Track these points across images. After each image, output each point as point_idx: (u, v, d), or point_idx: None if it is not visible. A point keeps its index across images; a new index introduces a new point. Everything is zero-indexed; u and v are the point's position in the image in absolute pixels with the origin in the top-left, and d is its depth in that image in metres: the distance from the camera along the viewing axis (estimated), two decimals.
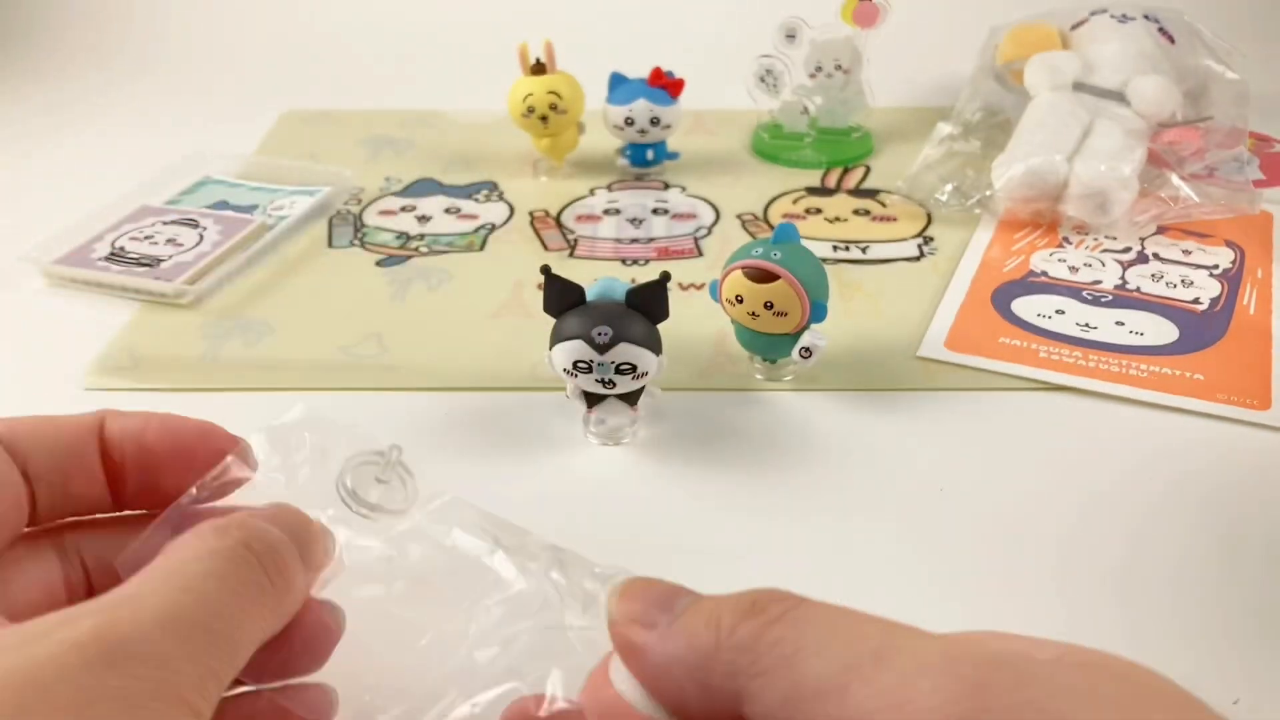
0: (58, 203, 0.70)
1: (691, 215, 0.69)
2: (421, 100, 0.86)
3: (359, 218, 0.69)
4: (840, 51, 0.74)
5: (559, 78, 0.69)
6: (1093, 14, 0.73)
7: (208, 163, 0.74)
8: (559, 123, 0.70)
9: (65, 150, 0.81)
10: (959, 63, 0.78)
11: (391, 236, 0.67)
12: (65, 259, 0.62)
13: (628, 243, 0.66)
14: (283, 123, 0.84)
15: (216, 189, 0.72)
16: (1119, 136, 0.64)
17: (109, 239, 0.64)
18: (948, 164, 0.70)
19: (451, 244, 0.66)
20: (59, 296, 0.61)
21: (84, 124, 0.85)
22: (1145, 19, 0.72)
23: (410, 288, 0.61)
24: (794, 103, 0.76)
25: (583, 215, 0.69)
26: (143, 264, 0.62)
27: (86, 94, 0.90)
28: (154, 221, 0.66)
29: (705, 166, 0.75)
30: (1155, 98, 0.66)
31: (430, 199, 0.72)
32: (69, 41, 0.98)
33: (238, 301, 0.60)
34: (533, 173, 0.75)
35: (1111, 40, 0.70)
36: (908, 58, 0.80)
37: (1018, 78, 0.72)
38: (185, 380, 0.54)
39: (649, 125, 0.70)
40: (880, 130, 0.78)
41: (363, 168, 0.75)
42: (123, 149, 0.80)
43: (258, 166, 0.75)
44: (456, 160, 0.77)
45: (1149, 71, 0.67)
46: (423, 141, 0.80)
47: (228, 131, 0.82)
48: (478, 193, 0.72)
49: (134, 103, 0.89)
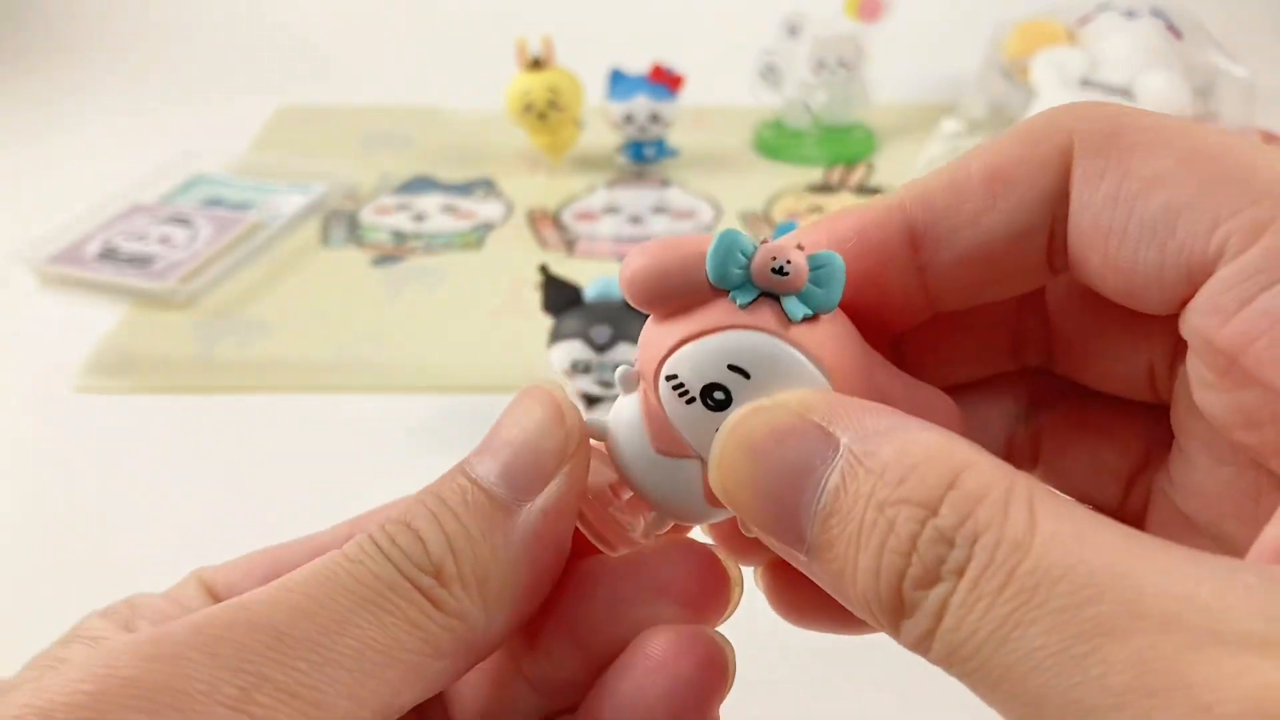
0: (49, 201, 0.70)
1: (692, 213, 0.68)
2: (418, 96, 0.85)
3: (354, 216, 0.68)
4: (843, 47, 0.73)
5: (557, 74, 0.68)
6: (1100, 10, 0.73)
7: (201, 160, 0.73)
8: (557, 119, 0.69)
9: (56, 147, 0.80)
10: (963, 59, 0.77)
11: (387, 235, 0.66)
12: (56, 258, 0.61)
13: (627, 241, 0.65)
14: (277, 119, 0.83)
15: (210, 187, 0.71)
16: None
17: (101, 238, 0.63)
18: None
19: (448, 243, 0.65)
20: (50, 295, 0.60)
21: (76, 121, 0.84)
22: (1152, 15, 0.71)
23: (406, 287, 0.61)
24: (796, 99, 0.75)
25: (581, 213, 0.68)
26: (135, 263, 0.61)
27: (78, 90, 0.89)
28: (146, 220, 0.65)
29: (706, 164, 0.74)
30: (1162, 94, 0.65)
31: (427, 197, 0.71)
32: (61, 38, 0.97)
33: (231, 301, 0.59)
34: (531, 170, 0.74)
35: (1118, 36, 0.69)
36: (911, 54, 0.79)
37: (1023, 74, 0.71)
38: (177, 381, 0.53)
39: (648, 122, 0.69)
40: (883, 127, 0.77)
41: (358, 165, 0.74)
42: (115, 146, 0.79)
43: (251, 164, 0.74)
44: (453, 157, 0.76)
45: (1156, 68, 0.67)
46: (419, 138, 0.79)
47: (221, 128, 0.81)
48: (475, 190, 0.72)
49: (126, 99, 0.88)
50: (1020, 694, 0.14)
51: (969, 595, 0.14)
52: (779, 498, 0.16)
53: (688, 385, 0.18)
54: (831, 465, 0.16)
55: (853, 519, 0.15)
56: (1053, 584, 0.13)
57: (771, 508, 0.16)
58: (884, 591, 0.15)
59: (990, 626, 0.14)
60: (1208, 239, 0.16)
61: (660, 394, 0.18)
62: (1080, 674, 0.13)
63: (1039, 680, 0.13)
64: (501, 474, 0.18)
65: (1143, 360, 0.20)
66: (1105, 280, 0.18)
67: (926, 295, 0.20)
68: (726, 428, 0.17)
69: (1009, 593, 0.14)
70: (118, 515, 0.45)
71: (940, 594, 0.14)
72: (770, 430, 0.17)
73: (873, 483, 0.15)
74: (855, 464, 0.16)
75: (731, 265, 0.17)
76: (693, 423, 0.18)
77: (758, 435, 0.17)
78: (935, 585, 0.14)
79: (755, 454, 0.17)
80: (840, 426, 0.16)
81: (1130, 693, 0.13)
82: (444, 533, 0.18)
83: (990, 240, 0.19)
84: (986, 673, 0.14)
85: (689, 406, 0.18)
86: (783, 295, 0.18)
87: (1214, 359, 0.16)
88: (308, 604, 0.16)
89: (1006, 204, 0.18)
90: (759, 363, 0.17)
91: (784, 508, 0.16)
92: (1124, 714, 0.12)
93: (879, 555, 0.15)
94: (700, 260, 0.18)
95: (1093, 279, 0.18)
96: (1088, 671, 0.13)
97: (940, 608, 0.14)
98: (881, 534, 0.15)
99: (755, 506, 0.17)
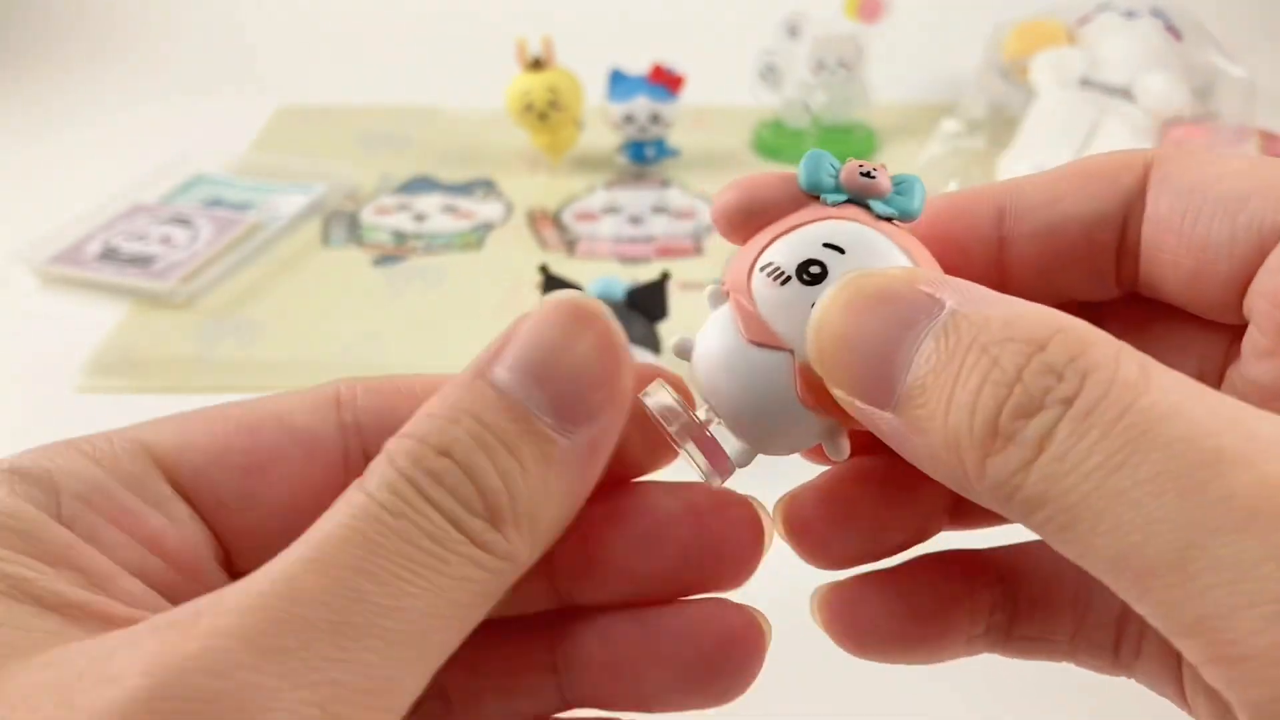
0: (50, 201, 0.70)
1: (692, 213, 0.68)
2: (419, 96, 0.85)
3: (355, 216, 0.68)
4: (843, 47, 0.73)
5: (558, 74, 0.68)
6: (1099, 10, 0.73)
7: (201, 160, 0.73)
8: (558, 120, 0.69)
9: (57, 147, 0.80)
10: (963, 59, 0.77)
11: (388, 235, 0.66)
12: (57, 258, 0.61)
13: (627, 241, 0.65)
14: (278, 119, 0.83)
15: (210, 187, 0.71)
16: (1126, 134, 0.63)
17: (101, 238, 0.63)
18: (953, 161, 0.69)
19: (449, 243, 0.65)
20: (51, 296, 0.60)
21: (76, 121, 0.84)
22: (1152, 15, 0.71)
23: (407, 287, 0.61)
24: (796, 99, 0.75)
25: (582, 214, 0.68)
26: (136, 263, 0.61)
27: (79, 90, 0.89)
28: (147, 220, 0.65)
29: (706, 164, 0.74)
30: (1162, 94, 0.65)
31: (427, 197, 0.71)
32: (61, 38, 0.97)
33: (232, 301, 0.59)
34: (531, 170, 0.74)
35: (1118, 36, 0.70)
36: (911, 54, 0.79)
37: (1023, 74, 0.71)
38: (178, 381, 0.53)
39: (649, 122, 0.69)
40: (883, 127, 0.77)
41: (358, 165, 0.74)
42: (115, 146, 0.79)
43: (252, 164, 0.74)
44: (454, 158, 0.76)
45: (1156, 68, 0.67)
46: (420, 138, 0.79)
47: (221, 128, 0.81)
48: (475, 191, 0.72)
49: (127, 99, 0.88)
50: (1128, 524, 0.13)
51: (1079, 425, 0.14)
52: (875, 350, 0.16)
53: (783, 267, 0.18)
54: (936, 320, 0.15)
55: (954, 361, 0.15)
56: (1170, 419, 0.13)
57: (865, 361, 0.16)
58: (978, 424, 0.14)
59: (1101, 455, 0.13)
60: (1277, 212, 0.17)
61: (753, 288, 0.18)
62: (1200, 495, 0.13)
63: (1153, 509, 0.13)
64: (551, 403, 0.16)
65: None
66: (1178, 269, 0.19)
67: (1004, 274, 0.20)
68: (829, 292, 0.17)
69: (1124, 424, 0.13)
70: None
71: (1045, 421, 0.14)
72: (876, 289, 0.16)
73: (976, 331, 0.15)
74: (960, 319, 0.15)
75: (823, 173, 0.19)
76: (786, 305, 0.18)
77: (864, 294, 0.16)
78: (1039, 414, 0.14)
79: (858, 310, 0.16)
80: (947, 292, 0.16)
81: (1260, 515, 0.12)
82: (496, 468, 0.16)
83: (1065, 221, 0.20)
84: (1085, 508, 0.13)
85: (783, 288, 0.18)
86: (870, 200, 0.19)
87: (1274, 320, 0.17)
88: (360, 581, 0.14)
89: (1085, 192, 0.20)
90: (854, 241, 0.18)
91: (879, 360, 0.16)
92: (1248, 534, 0.12)
93: (978, 390, 0.14)
94: (791, 176, 0.19)
95: (1164, 277, 0.19)
96: (1208, 495, 0.13)
97: (1043, 436, 0.14)
98: (984, 370, 0.14)
99: (848, 361, 0.16)
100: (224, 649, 0.14)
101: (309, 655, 0.14)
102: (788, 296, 0.18)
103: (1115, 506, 0.13)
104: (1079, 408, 0.14)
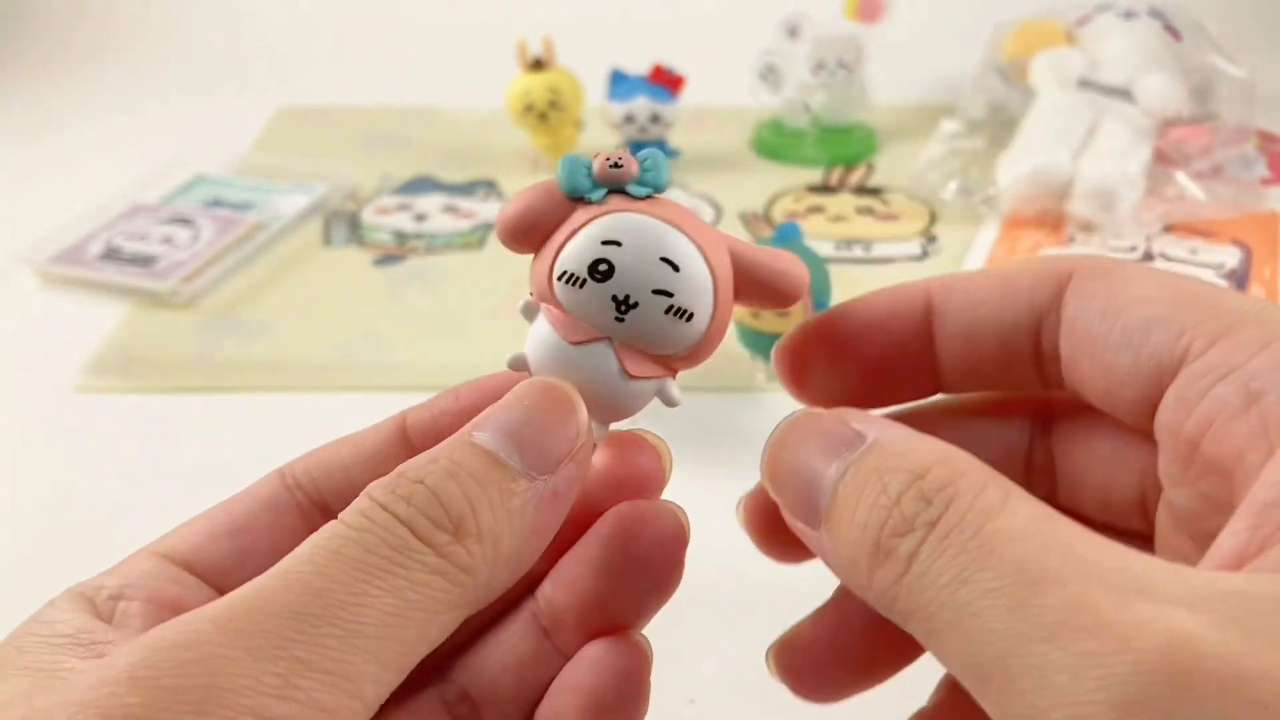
0: (50, 201, 0.70)
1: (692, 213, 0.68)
2: (419, 97, 0.85)
3: (355, 216, 0.68)
4: (843, 48, 0.73)
5: (558, 74, 0.68)
6: (1098, 10, 0.73)
7: (202, 160, 0.73)
8: (558, 120, 0.69)
9: (58, 147, 0.80)
10: (962, 59, 0.77)
11: (388, 235, 0.66)
12: (58, 257, 0.62)
13: None
14: (278, 119, 0.83)
15: (211, 187, 0.71)
16: (1125, 134, 0.63)
17: (103, 237, 0.63)
18: (952, 162, 0.70)
19: (449, 243, 0.65)
20: (52, 295, 0.60)
21: (77, 121, 0.84)
22: (1151, 15, 0.71)
23: (407, 287, 0.61)
24: (796, 100, 0.75)
25: None
26: (137, 263, 0.61)
27: (79, 90, 0.89)
28: (148, 220, 0.66)
29: (706, 164, 0.74)
30: (1161, 95, 0.65)
31: (428, 197, 0.71)
32: (62, 38, 0.97)
33: (232, 301, 0.59)
34: (531, 170, 0.74)
35: (1117, 37, 0.70)
36: (911, 54, 0.79)
37: (1022, 75, 0.71)
38: (179, 381, 0.53)
39: (649, 123, 0.69)
40: (883, 127, 0.77)
41: (359, 165, 0.74)
42: (116, 146, 0.79)
43: (252, 164, 0.74)
44: (454, 158, 0.76)
45: (1155, 68, 0.67)
46: (420, 138, 0.79)
47: (221, 128, 0.81)
48: (476, 191, 0.72)
49: (128, 99, 0.88)
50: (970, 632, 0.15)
51: (940, 544, 0.16)
52: (805, 477, 0.19)
53: (575, 272, 0.20)
54: (856, 451, 0.18)
55: (858, 485, 0.17)
56: (1011, 542, 0.15)
57: (797, 487, 0.19)
58: (867, 540, 0.17)
59: (953, 571, 0.15)
60: (1174, 344, 0.18)
61: (558, 296, 0.21)
62: (1022, 609, 0.14)
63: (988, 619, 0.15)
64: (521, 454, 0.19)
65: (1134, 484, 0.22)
66: (1092, 383, 0.20)
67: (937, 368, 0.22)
68: (779, 426, 0.20)
69: (974, 544, 0.15)
70: (118, 515, 0.45)
71: (913, 541, 0.16)
72: (811, 426, 0.19)
73: (878, 459, 0.17)
74: (871, 450, 0.18)
75: (579, 176, 0.21)
76: (588, 303, 0.20)
77: (800, 428, 0.19)
78: (908, 534, 0.16)
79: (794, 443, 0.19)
80: (871, 427, 0.18)
81: (1062, 627, 0.14)
82: (464, 492, 0.18)
83: (984, 325, 0.21)
84: (940, 619, 0.15)
85: (583, 290, 0.20)
86: (625, 185, 0.21)
87: (1179, 450, 0.19)
88: (320, 581, 0.17)
89: (1003, 300, 0.21)
90: (626, 232, 0.20)
91: (807, 486, 0.18)
92: (1053, 645, 0.14)
93: (870, 510, 0.17)
94: (553, 185, 0.21)
95: (1081, 385, 0.21)
96: (1029, 609, 0.14)
97: (911, 554, 0.16)
98: (875, 493, 0.17)
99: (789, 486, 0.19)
100: (196, 630, 0.16)
101: (271, 634, 0.16)
102: (588, 296, 0.20)
103: (962, 616, 0.15)
104: (939, 529, 0.16)
